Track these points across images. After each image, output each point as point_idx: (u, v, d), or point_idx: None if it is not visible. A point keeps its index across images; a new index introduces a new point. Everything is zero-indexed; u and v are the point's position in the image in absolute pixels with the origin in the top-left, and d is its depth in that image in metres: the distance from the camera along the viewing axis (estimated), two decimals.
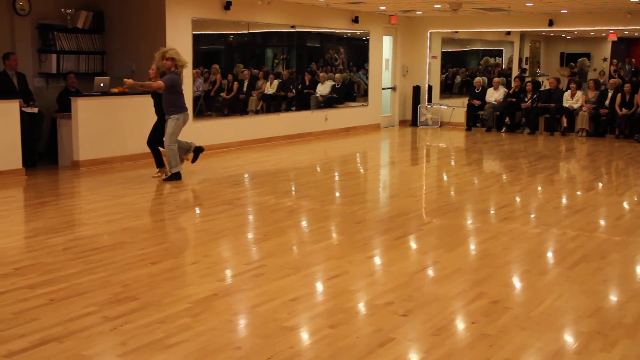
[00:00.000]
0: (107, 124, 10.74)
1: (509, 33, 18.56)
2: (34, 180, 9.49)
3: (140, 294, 4.92)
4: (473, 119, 17.21)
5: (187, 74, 12.11)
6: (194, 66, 12.32)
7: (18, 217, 7.61)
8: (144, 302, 4.74)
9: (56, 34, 11.39)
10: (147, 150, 9.79)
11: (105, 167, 10.55)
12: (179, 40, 11.85)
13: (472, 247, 6.58)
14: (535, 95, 16.29)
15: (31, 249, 6.15)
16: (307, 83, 15.37)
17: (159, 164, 9.70)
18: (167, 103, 9.33)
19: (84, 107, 10.41)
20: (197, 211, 8.22)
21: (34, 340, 4.07)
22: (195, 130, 12.30)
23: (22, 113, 9.85)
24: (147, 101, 9.91)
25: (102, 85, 10.78)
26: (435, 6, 15.04)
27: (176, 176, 9.44)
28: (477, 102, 17.04)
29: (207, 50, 13.03)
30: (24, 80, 10.66)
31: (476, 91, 17.20)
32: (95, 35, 12.05)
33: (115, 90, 10.89)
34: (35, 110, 10.50)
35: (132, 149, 10.96)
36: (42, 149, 11.13)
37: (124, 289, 5.04)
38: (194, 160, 9.89)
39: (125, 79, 9.36)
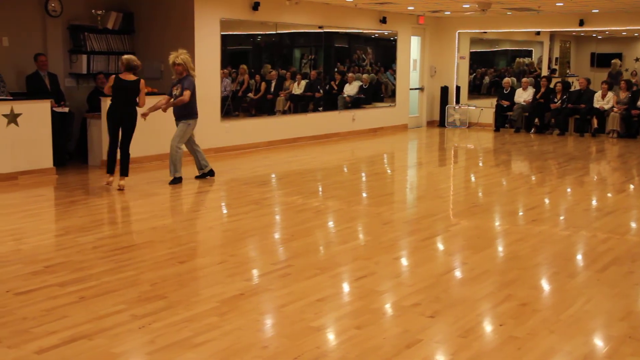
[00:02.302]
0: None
1: (538, 33, 18.37)
2: (65, 179, 9.61)
3: (168, 293, 4.95)
4: (501, 120, 17.06)
5: (215, 75, 12.21)
6: (222, 66, 12.39)
7: (49, 216, 7.71)
8: (171, 301, 4.78)
9: (87, 34, 11.53)
10: None
11: (134, 167, 10.63)
12: (207, 41, 11.94)
13: (500, 248, 6.53)
14: (565, 96, 16.11)
15: (62, 247, 6.23)
16: (337, 83, 15.38)
17: (124, 171, 8.92)
18: (185, 108, 9.20)
19: None
20: (225, 211, 8.26)
21: (65, 337, 4.12)
22: (223, 130, 12.39)
23: (53, 113, 9.98)
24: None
25: None
26: (464, 6, 14.95)
27: (179, 180, 9.30)
28: (505, 103, 16.90)
29: (235, 50, 13.09)
30: (55, 80, 10.82)
31: (505, 92, 17.06)
32: (124, 36, 12.17)
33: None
34: (66, 110, 10.65)
35: (161, 148, 11.03)
36: (73, 148, 11.27)
37: (152, 287, 5.08)
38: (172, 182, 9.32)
39: (145, 112, 9.02)
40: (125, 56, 8.99)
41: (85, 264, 5.65)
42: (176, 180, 9.28)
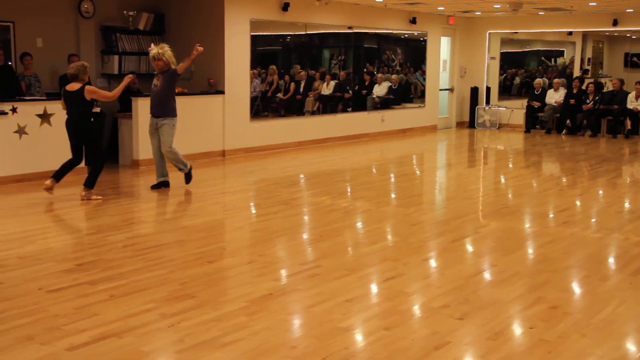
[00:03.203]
0: None
1: (570, 33, 18.15)
2: None
3: (197, 292, 4.98)
4: (532, 121, 16.90)
5: (244, 75, 12.26)
6: (252, 67, 12.44)
7: (80, 214, 7.80)
8: (200, 300, 4.81)
9: (118, 35, 11.66)
10: (205, 149, 9.75)
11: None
12: (237, 41, 12.00)
13: (530, 251, 6.46)
14: (597, 97, 15.90)
15: (92, 246, 6.30)
16: (367, 83, 15.38)
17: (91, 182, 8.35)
18: (167, 102, 8.81)
19: (144, 107, 10.57)
20: (254, 211, 8.29)
21: (95, 335, 4.17)
22: (252, 130, 12.43)
23: None
24: (209, 101, 9.96)
25: None
26: (495, 6, 14.83)
27: (189, 174, 9.07)
28: (536, 104, 16.73)
29: (264, 51, 13.13)
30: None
31: (536, 92, 16.89)
32: (155, 36, 12.26)
33: None
34: (98, 110, 10.74)
35: (191, 148, 11.10)
36: (104, 147, 11.38)
37: (181, 286, 5.11)
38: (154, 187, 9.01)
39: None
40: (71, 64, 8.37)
41: (115, 263, 5.71)
42: (188, 175, 9.08)
